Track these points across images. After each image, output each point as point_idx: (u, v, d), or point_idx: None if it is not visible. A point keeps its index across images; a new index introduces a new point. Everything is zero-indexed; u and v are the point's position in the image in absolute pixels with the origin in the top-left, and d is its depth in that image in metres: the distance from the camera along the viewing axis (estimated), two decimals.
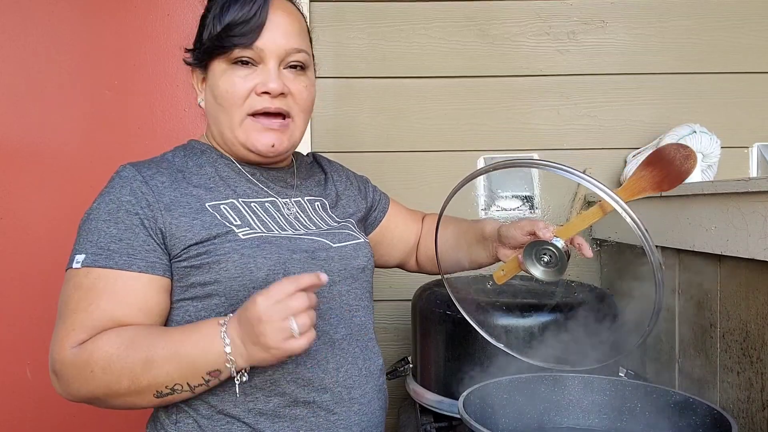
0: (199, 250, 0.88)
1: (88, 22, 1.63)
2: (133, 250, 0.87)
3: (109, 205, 0.89)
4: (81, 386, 0.84)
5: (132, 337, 0.83)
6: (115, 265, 0.86)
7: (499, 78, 1.63)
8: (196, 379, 0.83)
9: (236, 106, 0.94)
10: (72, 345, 0.84)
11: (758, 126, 1.64)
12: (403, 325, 1.64)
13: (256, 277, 0.87)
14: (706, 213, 1.03)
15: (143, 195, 0.89)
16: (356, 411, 0.94)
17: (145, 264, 0.87)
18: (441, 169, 1.64)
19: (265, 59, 0.94)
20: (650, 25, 1.63)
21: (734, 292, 0.99)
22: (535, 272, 0.95)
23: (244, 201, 0.96)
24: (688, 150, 0.84)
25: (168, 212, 0.89)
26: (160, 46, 1.65)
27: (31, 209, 1.62)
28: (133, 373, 0.82)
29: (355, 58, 1.62)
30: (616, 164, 1.64)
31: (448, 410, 1.17)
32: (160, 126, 1.65)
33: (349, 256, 0.99)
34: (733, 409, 1.01)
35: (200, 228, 0.89)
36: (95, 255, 0.87)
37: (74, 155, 1.63)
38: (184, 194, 0.92)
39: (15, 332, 1.63)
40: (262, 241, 0.90)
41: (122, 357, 0.82)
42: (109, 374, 0.82)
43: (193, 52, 0.98)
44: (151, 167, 0.94)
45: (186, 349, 0.81)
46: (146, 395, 0.83)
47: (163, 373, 0.82)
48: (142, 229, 0.88)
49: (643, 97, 1.64)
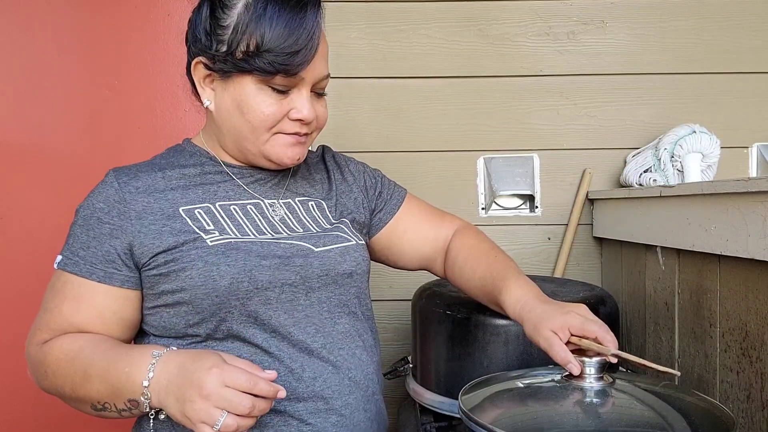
0: (166, 258, 0.88)
1: (88, 22, 1.63)
2: (96, 260, 0.89)
3: (86, 211, 0.92)
4: (40, 381, 0.90)
5: (80, 347, 0.86)
6: (79, 272, 0.89)
7: (499, 78, 1.63)
8: (120, 403, 0.83)
9: (267, 127, 0.93)
10: (37, 342, 0.90)
11: (758, 126, 1.64)
12: (403, 325, 1.65)
13: (219, 285, 0.86)
14: (705, 213, 1.03)
15: (115, 204, 0.90)
16: (334, 422, 0.91)
17: (104, 274, 0.89)
18: (441, 169, 1.64)
19: (300, 86, 0.93)
20: (650, 25, 1.63)
21: (734, 292, 0.99)
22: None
23: (222, 204, 0.95)
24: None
25: (138, 220, 0.90)
26: (160, 46, 1.65)
27: (31, 209, 1.63)
28: (73, 382, 0.85)
29: (355, 58, 1.62)
30: (616, 164, 1.64)
31: (448, 410, 1.18)
32: (160, 126, 1.65)
33: (332, 262, 0.95)
34: (732, 409, 1.01)
35: (168, 235, 0.89)
36: (67, 259, 0.91)
37: (74, 155, 1.63)
38: (158, 199, 0.92)
39: (15, 332, 1.63)
40: (228, 247, 0.89)
41: (67, 365, 0.85)
42: (57, 378, 0.87)
43: (211, 56, 0.91)
44: (131, 172, 0.94)
45: (115, 372, 0.82)
46: (85, 406, 0.87)
47: (95, 389, 0.84)
48: (108, 239, 0.89)
49: (643, 97, 1.64)
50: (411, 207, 1.16)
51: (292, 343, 0.91)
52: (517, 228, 1.64)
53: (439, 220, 1.16)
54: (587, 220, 1.63)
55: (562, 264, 1.60)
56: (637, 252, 1.38)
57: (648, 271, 1.32)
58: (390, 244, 1.14)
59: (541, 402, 0.87)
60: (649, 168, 1.53)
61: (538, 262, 1.64)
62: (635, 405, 0.83)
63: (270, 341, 0.90)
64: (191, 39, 0.96)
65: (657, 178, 1.50)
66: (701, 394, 0.87)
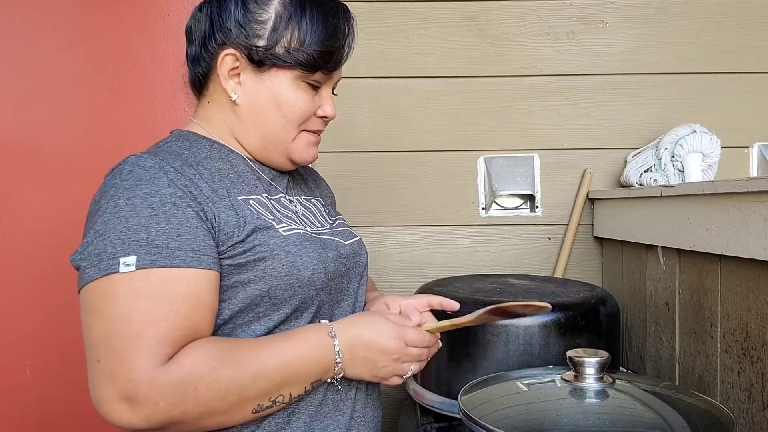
0: (244, 248, 0.82)
1: (88, 22, 1.63)
2: (198, 246, 0.78)
3: (148, 200, 0.78)
4: (173, 408, 0.73)
5: (233, 349, 0.78)
6: (183, 263, 0.76)
7: (499, 78, 1.63)
8: (298, 389, 0.82)
9: (299, 123, 0.94)
10: (157, 364, 0.72)
11: (758, 126, 1.63)
12: None
13: (303, 276, 0.85)
14: (706, 213, 1.03)
15: (185, 186, 0.80)
16: (372, 407, 0.97)
17: (212, 260, 0.79)
18: (441, 169, 1.64)
19: (328, 84, 0.97)
20: (650, 25, 1.63)
21: (734, 292, 0.99)
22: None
23: (265, 196, 0.93)
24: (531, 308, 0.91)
25: (213, 204, 0.82)
26: (160, 46, 1.65)
27: (31, 209, 1.62)
28: (241, 386, 0.76)
29: (355, 58, 1.59)
30: (616, 164, 1.64)
31: (448, 410, 1.17)
32: (160, 126, 1.65)
33: (358, 253, 1.00)
34: (733, 409, 1.01)
35: (243, 222, 0.83)
36: (152, 255, 0.75)
37: (74, 155, 1.63)
38: (215, 188, 0.84)
39: (15, 332, 1.63)
40: (303, 238, 0.89)
41: (229, 371, 0.75)
42: (214, 390, 0.74)
43: (246, 49, 0.90)
44: (173, 158, 0.84)
45: (297, 360, 0.81)
46: (245, 411, 0.78)
47: (271, 385, 0.79)
48: (200, 222, 0.79)
49: (643, 97, 1.64)
50: None
51: None
52: (517, 228, 1.64)
53: None
54: (588, 220, 1.63)
55: (563, 264, 1.60)
56: (638, 252, 1.38)
57: (648, 271, 1.32)
58: None
59: (541, 402, 0.87)
60: (649, 168, 1.53)
61: (538, 262, 1.64)
62: (635, 405, 0.83)
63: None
64: (215, 30, 0.92)
65: (657, 178, 1.50)
66: (700, 395, 0.87)
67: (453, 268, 1.64)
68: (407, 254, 1.64)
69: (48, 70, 1.61)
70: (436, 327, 0.92)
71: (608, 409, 0.82)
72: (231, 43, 0.91)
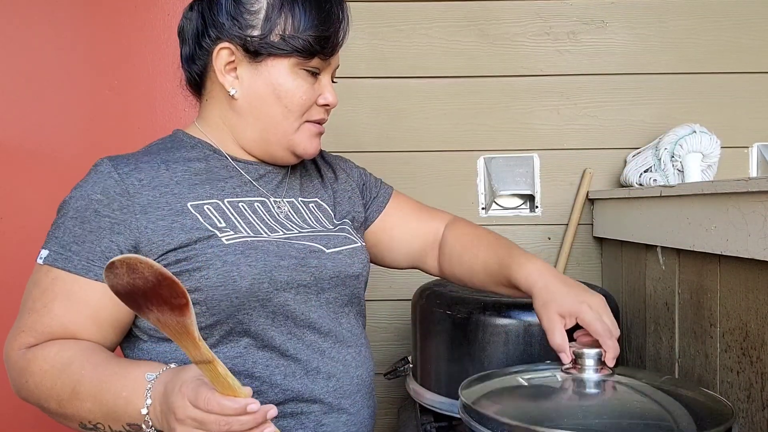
0: (178, 256, 0.83)
1: (88, 22, 1.63)
2: (93, 256, 0.82)
3: (79, 202, 0.85)
4: (18, 389, 0.83)
5: (69, 360, 0.79)
6: (73, 269, 0.82)
7: (499, 78, 1.63)
8: (116, 425, 0.78)
9: (301, 112, 0.93)
10: (20, 346, 0.82)
11: (758, 126, 1.63)
12: (403, 325, 1.64)
13: (240, 286, 0.83)
14: (706, 213, 1.03)
15: (116, 196, 0.84)
16: (344, 421, 0.92)
17: (101, 272, 0.80)
18: (441, 169, 1.64)
19: (326, 71, 0.96)
20: (650, 25, 1.63)
21: (734, 292, 0.99)
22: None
23: (230, 201, 0.91)
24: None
25: (144, 215, 0.84)
26: (160, 46, 1.65)
27: (31, 209, 1.62)
28: (60, 398, 0.79)
29: (355, 58, 1.62)
30: (616, 164, 1.64)
31: (448, 410, 1.17)
32: (161, 126, 1.65)
33: (343, 263, 0.95)
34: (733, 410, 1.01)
35: (179, 231, 0.84)
36: (56, 254, 0.83)
37: (74, 155, 1.63)
38: (164, 193, 0.86)
39: None
40: (246, 246, 0.86)
41: (53, 379, 0.79)
42: (41, 390, 0.80)
43: (241, 40, 0.90)
44: (130, 162, 0.88)
45: (109, 394, 0.76)
46: (72, 423, 0.81)
47: (86, 408, 0.78)
48: (108, 234, 0.83)
49: (643, 97, 1.64)
50: (398, 203, 1.15)
51: (306, 344, 0.90)
52: (517, 228, 1.64)
53: (428, 215, 1.15)
54: (587, 220, 1.63)
55: (563, 264, 1.60)
56: (638, 252, 1.38)
57: (648, 271, 1.32)
58: (377, 241, 1.13)
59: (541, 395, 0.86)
60: (649, 168, 1.53)
61: None
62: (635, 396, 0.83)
63: (288, 343, 0.88)
64: (208, 26, 0.92)
65: (657, 178, 1.50)
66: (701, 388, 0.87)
67: None
68: None
69: (48, 69, 1.61)
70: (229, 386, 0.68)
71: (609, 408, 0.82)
72: (225, 37, 0.91)
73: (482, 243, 1.05)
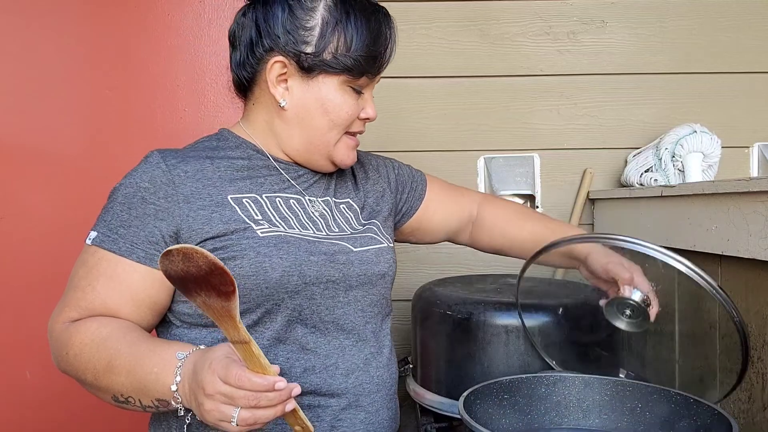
0: (215, 245, 0.87)
1: (88, 23, 1.63)
2: (137, 239, 0.87)
3: (128, 189, 0.89)
4: (59, 361, 0.87)
5: (107, 335, 0.83)
6: (118, 251, 0.87)
7: (499, 78, 1.63)
8: (146, 400, 0.81)
9: (345, 125, 0.97)
10: (64, 320, 0.87)
11: (758, 126, 1.63)
12: (403, 325, 1.64)
13: (270, 277, 0.86)
14: (706, 213, 1.03)
15: (162, 185, 0.89)
16: (362, 419, 0.93)
17: (145, 255, 0.87)
18: (441, 169, 1.64)
19: (369, 87, 0.99)
20: (650, 25, 1.63)
21: (734, 292, 0.99)
22: (619, 324, 1.01)
23: (268, 196, 0.95)
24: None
25: (186, 204, 0.88)
26: (160, 46, 1.65)
27: (31, 209, 1.62)
28: (96, 370, 0.83)
29: None
30: (616, 164, 1.64)
31: (449, 410, 1.17)
32: (161, 126, 1.65)
33: (369, 262, 0.98)
34: (733, 410, 1.01)
35: (218, 222, 0.88)
36: (104, 235, 0.88)
37: (75, 155, 1.63)
38: (207, 185, 0.91)
39: (15, 333, 1.63)
40: (279, 240, 0.89)
41: (91, 352, 0.83)
42: (80, 362, 0.84)
43: (296, 55, 0.93)
44: (178, 155, 0.93)
45: (142, 370, 0.80)
46: (106, 395, 0.84)
47: (119, 381, 0.81)
48: (153, 220, 0.87)
49: (643, 97, 1.64)
50: (434, 188, 1.23)
51: (329, 339, 0.93)
52: None
53: (461, 195, 1.25)
54: (588, 220, 1.63)
55: None
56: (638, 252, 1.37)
57: (648, 272, 1.31)
58: (419, 226, 1.21)
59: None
60: (650, 168, 1.53)
61: None
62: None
63: (309, 336, 0.91)
64: (262, 36, 0.94)
65: (658, 178, 1.50)
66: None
67: (453, 268, 1.64)
68: (407, 254, 1.64)
69: (49, 70, 1.61)
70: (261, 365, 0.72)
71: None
72: (279, 50, 0.94)
73: (526, 217, 1.21)
